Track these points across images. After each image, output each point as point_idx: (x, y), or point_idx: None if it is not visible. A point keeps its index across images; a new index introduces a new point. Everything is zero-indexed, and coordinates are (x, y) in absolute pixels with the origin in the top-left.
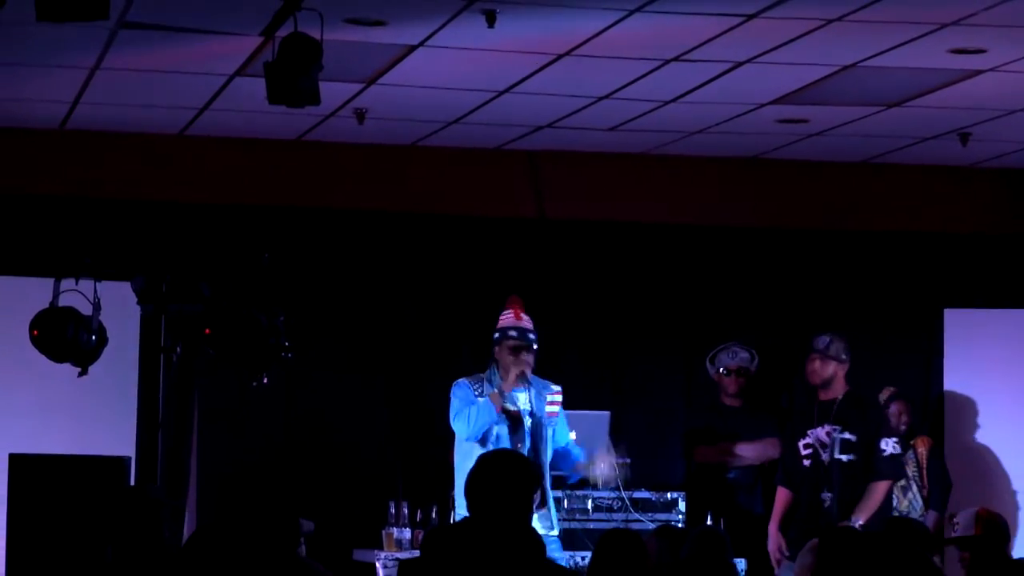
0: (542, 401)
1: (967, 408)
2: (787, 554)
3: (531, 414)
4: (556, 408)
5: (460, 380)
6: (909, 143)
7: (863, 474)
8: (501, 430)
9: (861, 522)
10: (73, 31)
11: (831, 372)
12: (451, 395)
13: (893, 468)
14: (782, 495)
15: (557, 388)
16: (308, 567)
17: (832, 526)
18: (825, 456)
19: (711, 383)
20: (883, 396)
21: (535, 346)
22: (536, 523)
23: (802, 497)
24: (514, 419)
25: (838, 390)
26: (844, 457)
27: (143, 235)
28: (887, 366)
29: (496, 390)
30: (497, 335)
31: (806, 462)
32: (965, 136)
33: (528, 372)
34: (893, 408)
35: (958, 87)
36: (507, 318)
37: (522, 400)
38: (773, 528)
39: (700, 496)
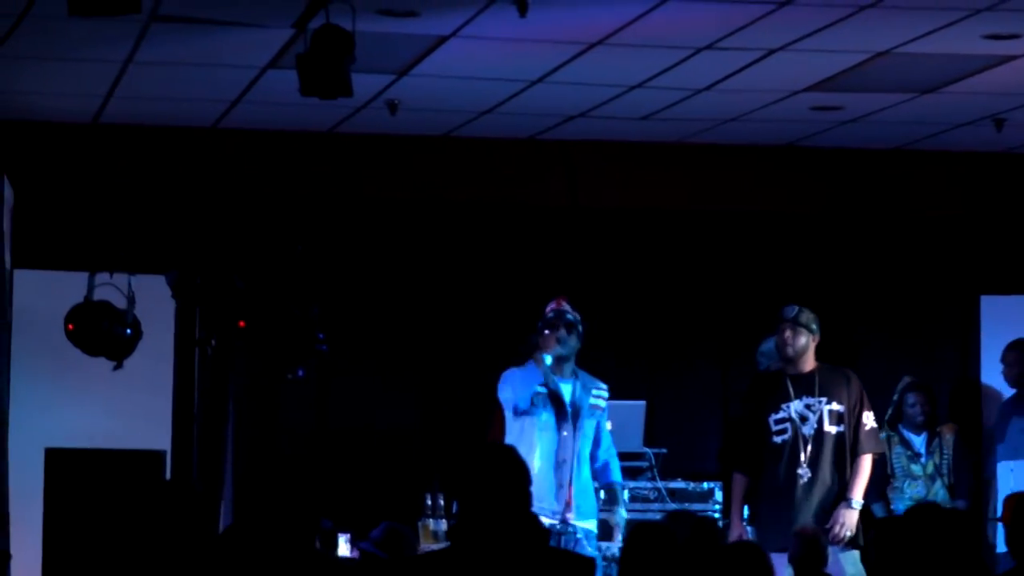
0: (587, 394)
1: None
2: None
3: (572, 403)
4: (601, 403)
5: (510, 368)
6: (943, 129)
7: (852, 447)
8: (548, 418)
9: (861, 500)
10: (105, 25)
11: (804, 342)
12: (501, 381)
13: (876, 442)
14: (740, 481)
15: (604, 386)
16: (328, 559)
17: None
18: (806, 429)
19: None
20: (900, 385)
21: (580, 327)
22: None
23: (776, 473)
24: (559, 406)
25: (810, 363)
26: (834, 429)
27: (177, 228)
28: (923, 353)
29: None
30: (540, 324)
31: (778, 438)
32: (1000, 122)
33: (561, 336)
34: (911, 398)
35: (992, 72)
36: (548, 307)
37: (566, 392)
38: (737, 519)
39: None
